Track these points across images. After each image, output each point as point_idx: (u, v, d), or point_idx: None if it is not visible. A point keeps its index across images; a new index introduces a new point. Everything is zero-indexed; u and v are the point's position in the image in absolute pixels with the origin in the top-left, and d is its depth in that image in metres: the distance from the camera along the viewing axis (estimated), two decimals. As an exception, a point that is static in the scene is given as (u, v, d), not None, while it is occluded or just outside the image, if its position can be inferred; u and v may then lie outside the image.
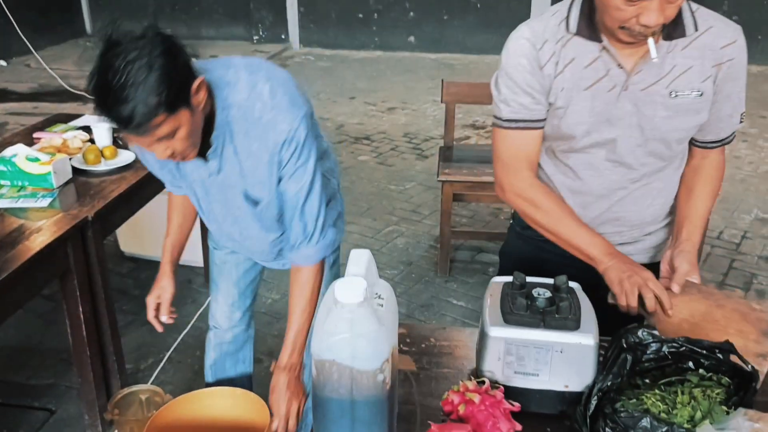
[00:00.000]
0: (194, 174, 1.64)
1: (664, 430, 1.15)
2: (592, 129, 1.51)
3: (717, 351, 1.28)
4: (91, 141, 2.80)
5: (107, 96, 1.29)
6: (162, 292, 1.93)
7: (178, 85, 1.33)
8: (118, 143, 2.83)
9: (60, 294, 2.29)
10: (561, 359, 1.26)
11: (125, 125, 1.32)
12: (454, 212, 4.38)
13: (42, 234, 2.09)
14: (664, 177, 1.60)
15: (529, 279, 1.38)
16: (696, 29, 1.42)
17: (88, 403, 2.38)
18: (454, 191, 3.53)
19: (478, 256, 3.91)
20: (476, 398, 1.21)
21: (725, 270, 3.72)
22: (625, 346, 1.28)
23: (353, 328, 1.04)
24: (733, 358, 1.29)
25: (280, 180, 1.58)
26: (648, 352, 1.31)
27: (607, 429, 1.19)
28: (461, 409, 1.21)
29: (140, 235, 3.43)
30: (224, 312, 2.07)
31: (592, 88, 1.47)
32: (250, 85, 1.50)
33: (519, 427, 1.22)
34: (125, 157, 2.68)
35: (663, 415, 1.22)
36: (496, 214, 4.41)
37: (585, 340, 1.25)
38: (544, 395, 1.29)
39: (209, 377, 2.17)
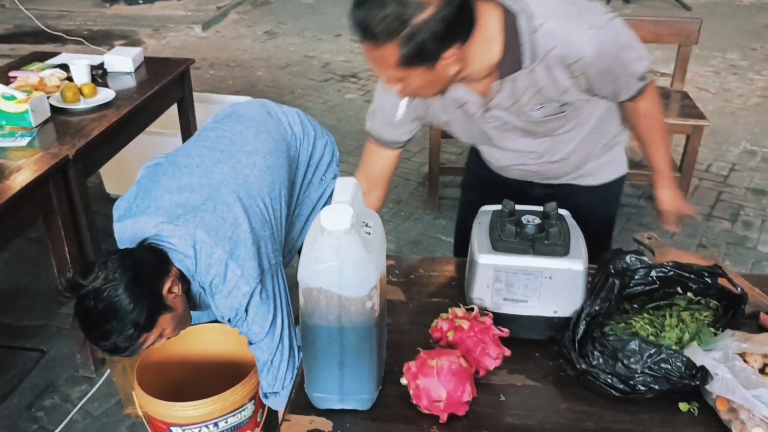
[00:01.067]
0: None
1: (652, 351, 1.16)
2: (476, 138, 1.59)
3: (705, 275, 1.28)
4: (69, 79, 2.72)
5: (90, 335, 1.44)
6: None
7: (150, 303, 1.43)
8: (96, 81, 2.75)
9: (46, 236, 2.27)
10: (550, 285, 1.26)
11: (114, 354, 1.47)
12: (442, 149, 4.35)
13: (22, 173, 2.05)
14: (577, 130, 1.53)
15: (518, 207, 1.36)
16: (534, 59, 1.31)
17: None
18: (442, 128, 3.48)
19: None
20: (465, 324, 1.21)
21: (713, 202, 3.73)
22: (613, 271, 1.27)
23: (340, 255, 1.03)
24: (722, 281, 1.29)
25: None
26: (636, 277, 1.31)
27: (595, 353, 1.19)
28: (450, 336, 1.22)
29: (125, 176, 3.37)
30: None
31: (458, 111, 1.48)
32: (207, 262, 1.55)
33: (508, 352, 1.23)
34: (105, 95, 2.61)
35: (651, 337, 1.23)
36: (485, 150, 4.38)
37: (574, 265, 1.25)
38: (533, 321, 1.30)
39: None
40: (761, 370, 1.15)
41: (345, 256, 1.03)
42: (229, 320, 1.62)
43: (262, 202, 1.67)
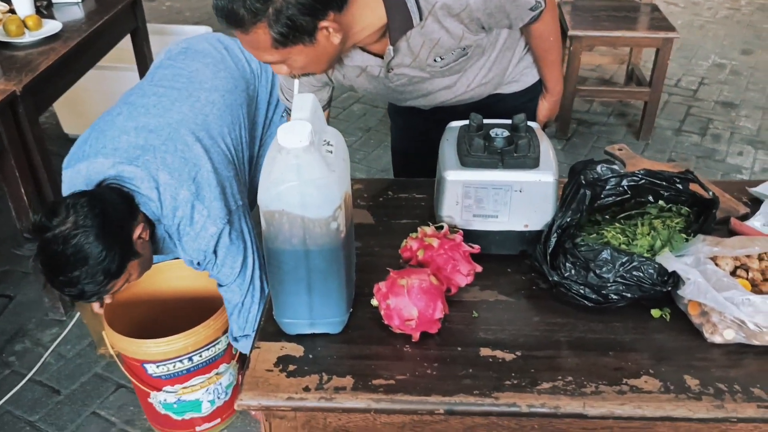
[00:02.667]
0: None
1: (624, 260, 1.15)
2: (389, 95, 1.54)
3: (677, 181, 1.26)
4: (12, 12, 2.56)
5: (55, 281, 1.38)
6: None
7: (121, 251, 1.38)
8: (41, 12, 2.60)
9: (0, 179, 2.17)
10: (520, 199, 1.23)
11: (78, 300, 1.46)
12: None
13: (-33, 112, 1.94)
14: (486, 57, 1.49)
15: (486, 120, 1.32)
16: (421, 15, 1.25)
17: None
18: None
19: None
20: (435, 242, 1.18)
21: (682, 117, 3.72)
22: (584, 182, 1.24)
23: (301, 174, 0.98)
24: (693, 186, 1.28)
25: None
26: (607, 187, 1.28)
27: (567, 264, 1.18)
28: (420, 255, 1.19)
29: (81, 114, 3.24)
30: None
31: (361, 76, 1.42)
32: (172, 204, 1.49)
33: (479, 268, 1.21)
34: (51, 26, 2.46)
35: (623, 246, 1.22)
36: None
37: (544, 177, 1.22)
38: (504, 236, 1.27)
39: None
40: (732, 273, 1.14)
41: (306, 176, 0.98)
42: (198, 264, 1.57)
43: (224, 142, 1.60)
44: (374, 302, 1.13)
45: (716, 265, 1.13)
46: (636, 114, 3.65)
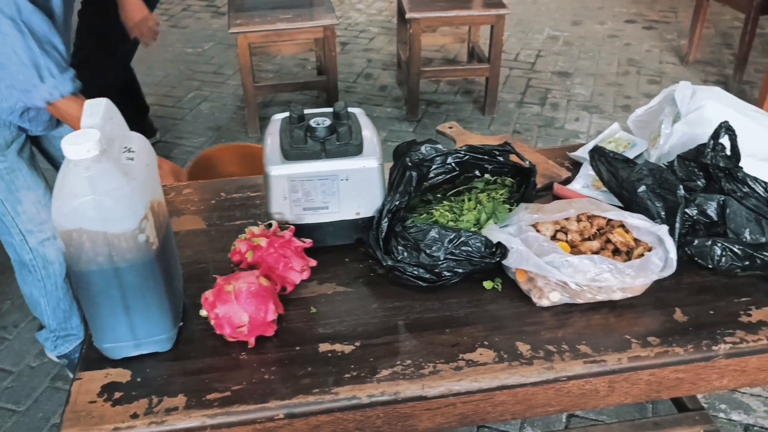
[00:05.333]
0: None
1: (452, 236, 1.16)
2: None
3: (497, 153, 1.29)
4: None
5: None
6: None
7: None
8: None
9: None
10: (348, 187, 1.21)
11: None
12: (258, 67, 4.16)
13: None
14: None
15: (307, 111, 1.29)
16: None
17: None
18: (251, 44, 3.30)
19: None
20: (263, 242, 1.14)
21: (523, 89, 3.89)
22: (409, 163, 1.24)
23: (95, 187, 0.90)
24: (513, 157, 1.31)
25: None
26: (434, 166, 1.29)
27: (399, 247, 1.17)
28: (249, 257, 1.14)
29: None
30: None
31: None
32: None
33: (313, 263, 1.18)
34: None
35: (451, 223, 1.23)
36: (304, 64, 4.24)
37: (368, 163, 1.20)
38: (337, 226, 1.25)
39: None
40: (553, 237, 1.19)
41: (101, 187, 0.90)
42: None
43: None
44: (203, 312, 1.07)
45: (537, 231, 1.17)
46: (481, 90, 3.78)
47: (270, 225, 1.19)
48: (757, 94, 3.55)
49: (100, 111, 0.95)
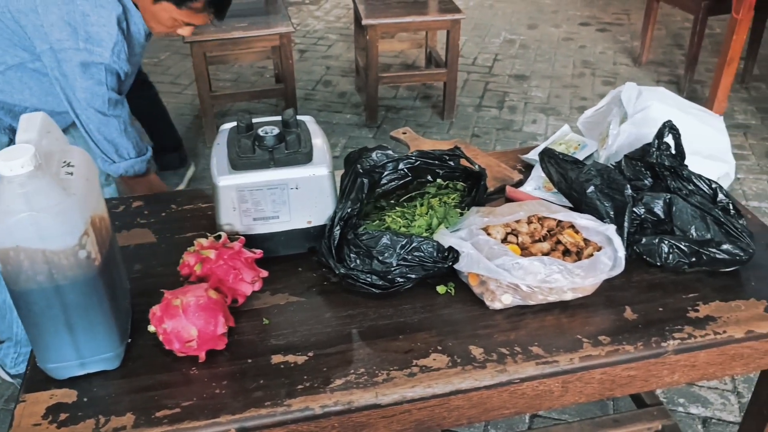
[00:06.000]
0: None
1: (403, 242, 1.15)
2: None
3: (447, 158, 1.30)
4: None
5: None
6: None
7: None
8: None
9: None
10: (298, 196, 1.20)
11: None
12: (216, 77, 4.12)
13: None
14: None
15: (256, 120, 1.27)
16: None
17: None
18: (206, 53, 3.27)
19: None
20: (212, 254, 1.12)
21: (481, 93, 3.93)
22: (361, 170, 1.24)
23: (31, 203, 0.87)
24: (463, 161, 1.32)
25: None
26: (385, 172, 1.29)
27: (351, 255, 1.17)
28: (198, 269, 1.12)
29: None
30: None
31: None
32: None
33: (265, 273, 1.17)
34: None
35: (403, 229, 1.23)
36: (262, 72, 4.22)
37: (318, 171, 1.19)
38: (289, 236, 1.24)
39: None
40: (504, 240, 1.19)
41: (37, 204, 0.87)
42: None
43: None
44: (151, 328, 1.05)
45: (488, 234, 1.18)
46: (439, 95, 3.80)
47: (219, 236, 1.17)
48: (707, 93, 3.64)
49: (36, 125, 0.93)
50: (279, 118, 1.27)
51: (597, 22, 4.98)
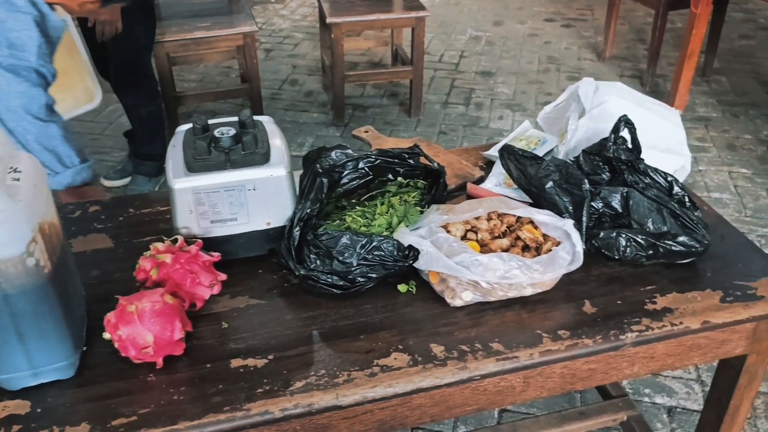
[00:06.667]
0: None
1: (363, 242, 1.15)
2: None
3: (406, 156, 1.29)
4: None
5: None
6: None
7: None
8: None
9: None
10: (256, 197, 1.19)
11: None
12: (181, 77, 4.07)
13: None
14: None
15: (212, 120, 1.26)
16: None
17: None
18: (169, 53, 3.22)
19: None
20: (168, 258, 1.10)
21: (448, 90, 3.94)
22: (320, 170, 1.23)
23: (-26, 211, 0.85)
24: (422, 159, 1.31)
25: None
26: (345, 172, 1.28)
27: (311, 256, 1.16)
28: (154, 274, 1.10)
29: None
30: None
31: None
32: None
33: (223, 276, 1.15)
34: None
35: (363, 228, 1.22)
36: (228, 72, 4.17)
37: (276, 171, 1.18)
38: (248, 238, 1.23)
39: None
40: (463, 237, 1.19)
41: (-19, 212, 0.85)
42: None
43: None
44: (106, 335, 1.03)
45: (448, 231, 1.18)
46: (406, 93, 3.80)
47: (176, 240, 1.15)
48: (669, 87, 3.69)
49: (-21, 130, 0.90)
50: (236, 118, 1.25)
51: (561, 17, 5.03)
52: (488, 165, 1.56)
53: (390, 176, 1.34)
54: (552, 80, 4.02)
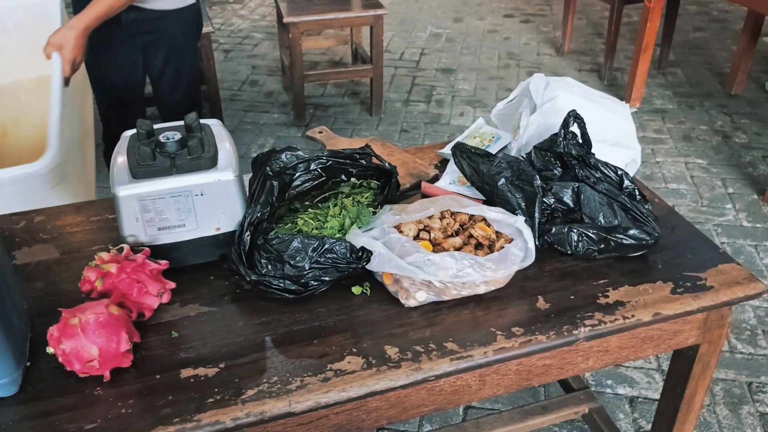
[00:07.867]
0: None
1: (315, 245, 1.13)
2: None
3: (358, 157, 1.28)
4: None
5: None
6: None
7: None
8: None
9: None
10: (204, 202, 1.16)
11: None
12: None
13: None
14: None
15: (158, 126, 1.23)
16: None
17: None
18: (123, 56, 3.16)
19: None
20: (113, 268, 1.07)
21: (409, 87, 3.94)
22: (270, 173, 1.21)
23: None
24: (374, 160, 1.30)
25: None
26: (297, 174, 1.26)
27: (262, 260, 1.14)
28: (99, 285, 1.07)
29: None
30: None
31: None
32: None
33: (172, 284, 1.13)
34: None
35: (315, 231, 1.21)
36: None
37: (223, 176, 1.16)
38: (197, 244, 1.20)
39: None
40: (416, 237, 1.19)
41: None
42: None
43: None
44: (50, 350, 1.00)
45: (400, 232, 1.17)
46: (367, 91, 3.79)
47: (122, 249, 1.12)
48: (627, 80, 3.74)
49: None
50: (181, 123, 1.22)
51: (520, 13, 5.06)
52: (443, 163, 1.55)
53: (343, 177, 1.33)
54: (512, 76, 4.05)
